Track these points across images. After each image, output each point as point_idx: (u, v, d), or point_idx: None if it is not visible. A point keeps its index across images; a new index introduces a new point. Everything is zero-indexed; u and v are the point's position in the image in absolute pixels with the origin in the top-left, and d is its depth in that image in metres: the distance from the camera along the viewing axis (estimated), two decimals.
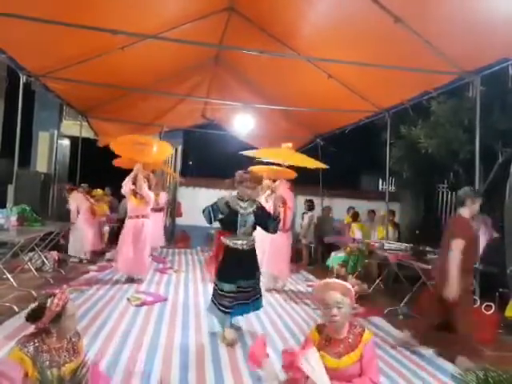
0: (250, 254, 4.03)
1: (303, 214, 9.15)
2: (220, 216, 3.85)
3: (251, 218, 3.94)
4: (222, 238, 3.94)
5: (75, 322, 2.32)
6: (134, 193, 6.13)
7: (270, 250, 6.14)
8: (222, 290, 3.87)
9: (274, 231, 4.15)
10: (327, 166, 6.56)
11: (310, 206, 8.93)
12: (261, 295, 4.17)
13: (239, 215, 3.89)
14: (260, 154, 6.47)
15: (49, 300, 2.18)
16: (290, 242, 6.47)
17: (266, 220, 4.01)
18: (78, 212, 7.48)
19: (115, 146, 6.77)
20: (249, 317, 4.41)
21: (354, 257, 6.89)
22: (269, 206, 5.53)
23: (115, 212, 9.48)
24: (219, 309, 3.88)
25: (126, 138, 7.03)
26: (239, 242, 3.90)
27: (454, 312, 3.68)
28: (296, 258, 7.90)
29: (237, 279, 3.89)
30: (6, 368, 2.10)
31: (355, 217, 8.09)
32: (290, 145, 6.45)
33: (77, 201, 7.54)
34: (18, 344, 2.14)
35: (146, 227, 6.19)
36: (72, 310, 2.25)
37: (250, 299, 4.01)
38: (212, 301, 4.00)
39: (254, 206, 4.00)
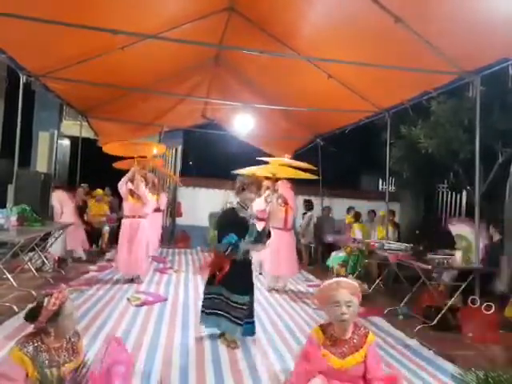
0: (251, 264, 3.92)
1: (303, 214, 9.16)
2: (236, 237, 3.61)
3: (256, 227, 3.80)
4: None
5: (73, 321, 2.30)
6: (132, 193, 6.13)
7: (273, 249, 6.14)
8: (235, 302, 3.64)
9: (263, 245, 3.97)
10: (318, 177, 6.59)
11: (309, 206, 8.96)
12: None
13: (250, 224, 3.75)
14: (252, 171, 6.38)
15: (45, 299, 2.17)
16: (294, 241, 6.48)
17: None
18: (63, 212, 7.31)
19: (108, 149, 6.83)
20: None
21: (354, 257, 6.90)
22: (266, 207, 5.68)
23: (115, 212, 9.49)
24: (231, 320, 3.64)
25: (117, 142, 7.07)
26: (247, 251, 3.76)
27: None
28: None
29: (249, 291, 3.78)
30: (7, 368, 2.10)
31: (357, 217, 8.10)
32: (285, 158, 6.66)
33: (59, 199, 7.35)
34: (18, 344, 2.14)
35: (142, 227, 6.18)
36: (70, 309, 2.23)
37: (252, 318, 3.87)
38: (222, 315, 3.68)
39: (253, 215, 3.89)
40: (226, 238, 3.60)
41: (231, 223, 3.73)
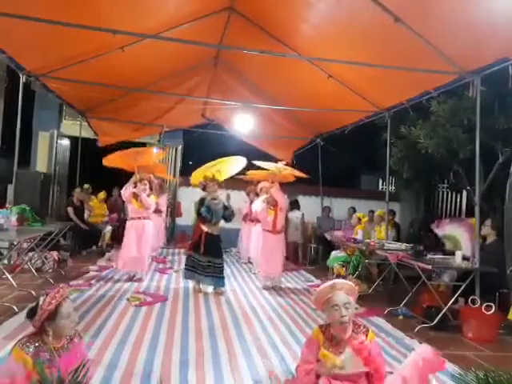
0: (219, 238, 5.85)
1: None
2: None
3: (220, 210, 5.79)
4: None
5: (72, 321, 2.26)
6: (135, 196, 6.17)
7: (263, 250, 6.24)
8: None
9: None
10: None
11: (293, 206, 9.00)
12: None
13: (213, 207, 5.71)
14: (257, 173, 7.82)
15: (41, 298, 2.16)
16: (283, 242, 6.55)
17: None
18: None
19: (108, 163, 6.70)
20: (248, 316, 4.45)
21: (355, 257, 6.89)
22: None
23: (115, 212, 9.52)
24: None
25: (116, 155, 6.88)
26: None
27: None
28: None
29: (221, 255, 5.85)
30: (8, 367, 2.10)
31: (372, 218, 8.15)
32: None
33: None
34: (19, 344, 2.13)
35: (148, 227, 6.28)
36: (67, 308, 2.20)
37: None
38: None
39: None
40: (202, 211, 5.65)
41: (203, 205, 5.67)
